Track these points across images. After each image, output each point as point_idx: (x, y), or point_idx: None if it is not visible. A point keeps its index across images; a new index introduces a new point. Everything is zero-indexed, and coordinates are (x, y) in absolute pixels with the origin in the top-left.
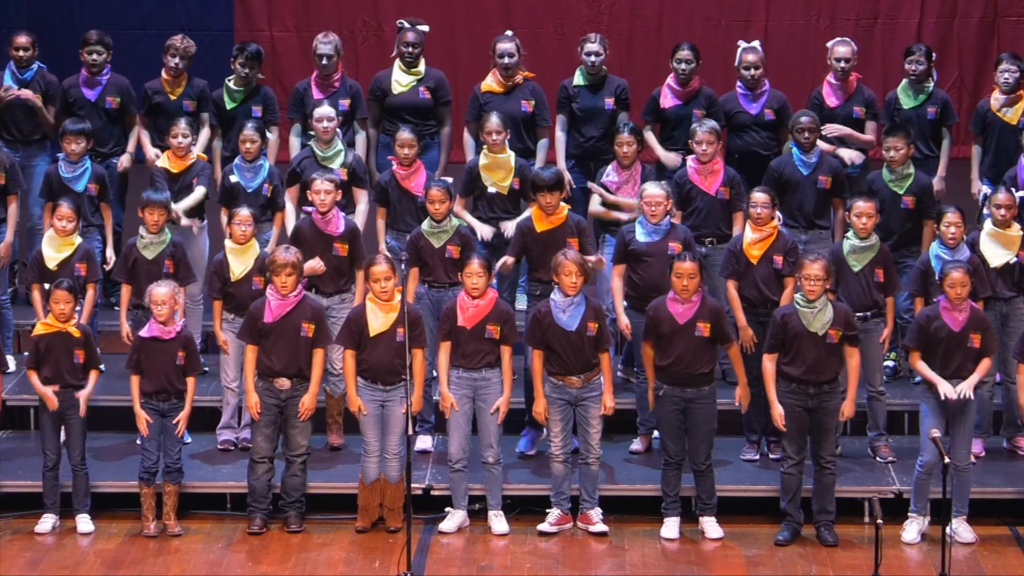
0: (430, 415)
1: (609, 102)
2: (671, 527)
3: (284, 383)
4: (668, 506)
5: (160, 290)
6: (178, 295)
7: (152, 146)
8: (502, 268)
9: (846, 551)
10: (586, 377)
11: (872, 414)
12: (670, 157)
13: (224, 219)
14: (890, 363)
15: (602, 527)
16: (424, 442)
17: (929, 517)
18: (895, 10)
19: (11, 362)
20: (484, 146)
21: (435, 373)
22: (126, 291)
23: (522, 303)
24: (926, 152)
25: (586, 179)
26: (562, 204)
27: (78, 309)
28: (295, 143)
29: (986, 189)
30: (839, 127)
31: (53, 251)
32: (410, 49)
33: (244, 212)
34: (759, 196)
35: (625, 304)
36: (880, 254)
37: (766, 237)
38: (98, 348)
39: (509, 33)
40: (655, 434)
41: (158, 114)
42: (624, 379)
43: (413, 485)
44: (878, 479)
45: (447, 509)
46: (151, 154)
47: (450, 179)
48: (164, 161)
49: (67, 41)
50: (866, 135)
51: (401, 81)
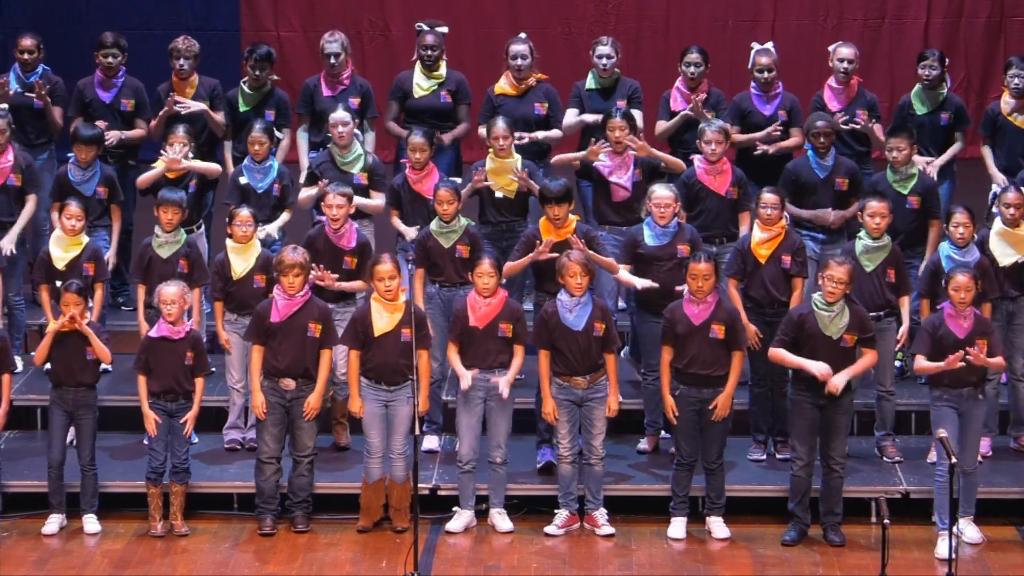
0: (438, 416)
1: (621, 105)
2: (678, 527)
3: (289, 383)
4: (676, 505)
5: (169, 290)
6: (187, 295)
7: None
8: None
9: (853, 551)
10: (591, 378)
11: (881, 414)
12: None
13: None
14: (897, 363)
15: (608, 529)
16: (431, 442)
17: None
18: (902, 10)
19: (19, 363)
20: (491, 150)
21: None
22: (141, 290)
23: (529, 304)
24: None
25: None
26: (571, 216)
27: (91, 306)
28: (302, 140)
29: (996, 188)
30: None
31: (61, 251)
32: (429, 52)
33: (244, 212)
34: (769, 197)
35: (634, 305)
36: (892, 254)
37: (774, 237)
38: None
39: (523, 35)
40: (663, 434)
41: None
42: (633, 363)
43: (420, 485)
44: (885, 479)
45: (454, 508)
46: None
47: (459, 179)
48: (161, 166)
49: (71, 42)
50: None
51: (422, 85)
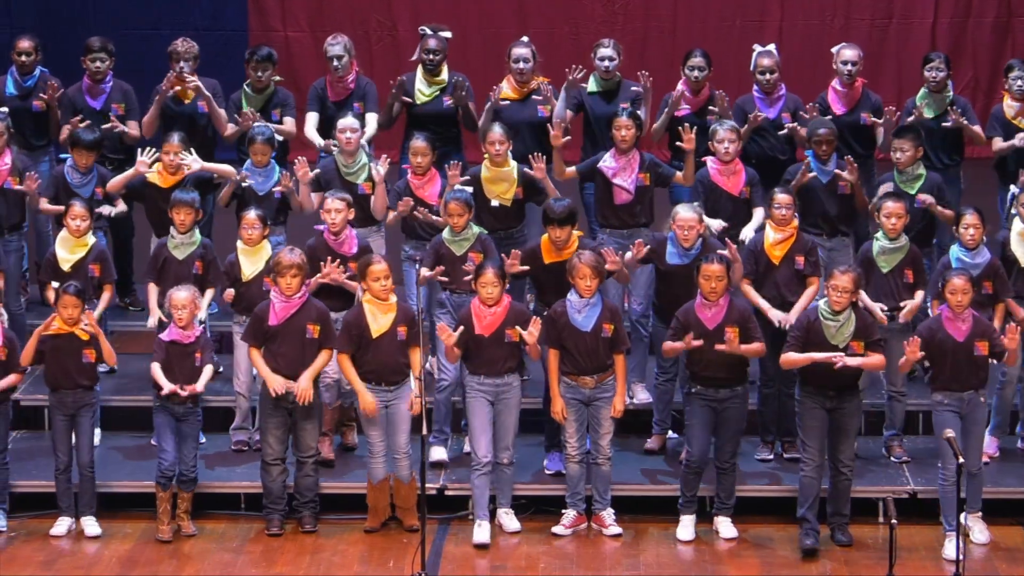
0: (445, 426)
1: (624, 108)
2: (686, 526)
3: (290, 385)
4: (684, 504)
5: (180, 295)
6: (197, 300)
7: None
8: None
9: (860, 551)
10: (599, 378)
11: (890, 414)
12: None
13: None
14: None
15: (616, 529)
16: (439, 453)
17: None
18: (909, 10)
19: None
20: (486, 157)
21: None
22: (153, 290)
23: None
24: (946, 162)
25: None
26: (574, 235)
27: (89, 308)
28: (312, 134)
29: (1014, 188)
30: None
31: (66, 252)
32: (431, 56)
33: (251, 215)
34: (782, 197)
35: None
36: (909, 255)
37: (788, 238)
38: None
39: (524, 39)
40: (670, 434)
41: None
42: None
43: (427, 485)
44: (892, 479)
45: (469, 516)
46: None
47: (469, 189)
48: (154, 175)
49: (72, 42)
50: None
51: (424, 91)
